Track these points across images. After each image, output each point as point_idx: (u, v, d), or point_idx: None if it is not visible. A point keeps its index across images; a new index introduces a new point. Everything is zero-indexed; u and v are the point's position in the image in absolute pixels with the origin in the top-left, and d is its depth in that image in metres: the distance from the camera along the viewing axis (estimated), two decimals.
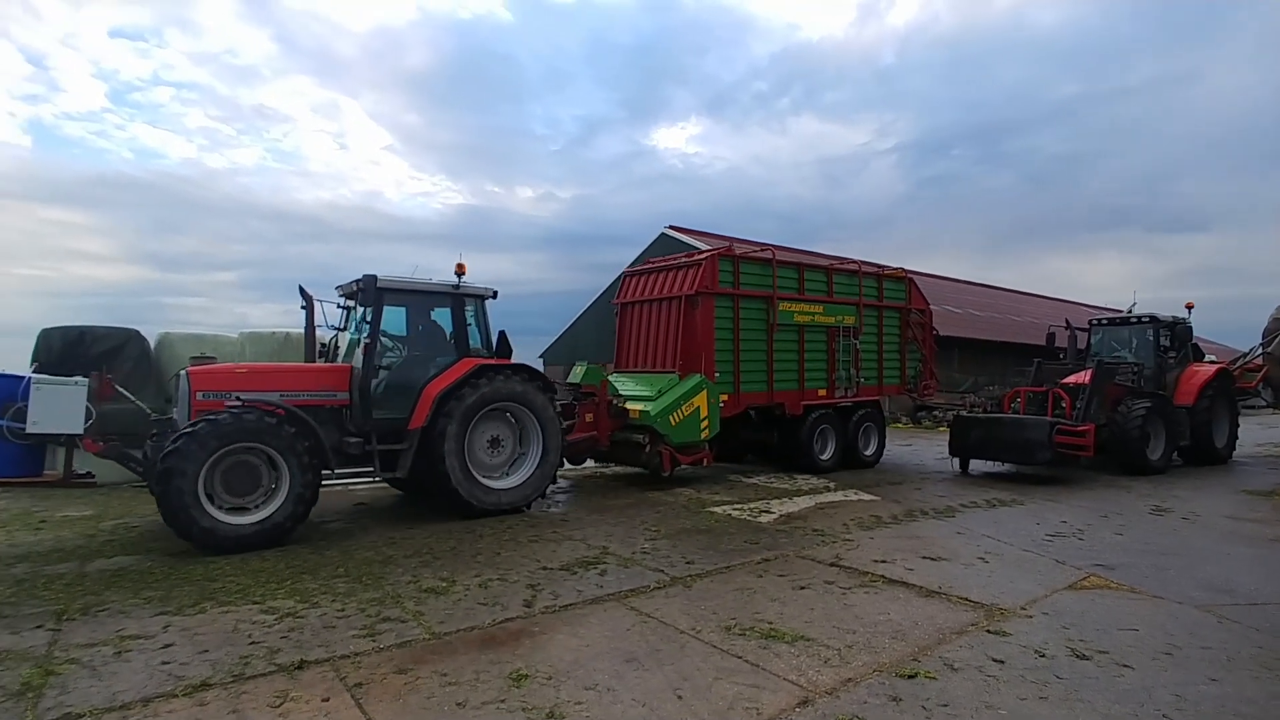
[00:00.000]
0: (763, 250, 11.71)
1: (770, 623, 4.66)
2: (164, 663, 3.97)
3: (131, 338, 11.77)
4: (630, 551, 6.51)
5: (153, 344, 12.30)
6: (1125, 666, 4.00)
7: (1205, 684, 3.78)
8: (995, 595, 5.26)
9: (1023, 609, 4.97)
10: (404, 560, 6.19)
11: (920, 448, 15.51)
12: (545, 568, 5.96)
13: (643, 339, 11.50)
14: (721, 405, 10.33)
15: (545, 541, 6.90)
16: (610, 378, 10.77)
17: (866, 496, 9.53)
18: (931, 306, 14.04)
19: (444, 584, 5.48)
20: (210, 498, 6.41)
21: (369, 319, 7.74)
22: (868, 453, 12.54)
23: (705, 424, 9.99)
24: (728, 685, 3.74)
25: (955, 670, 3.93)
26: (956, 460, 11.90)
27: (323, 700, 3.54)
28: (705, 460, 10.38)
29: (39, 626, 4.55)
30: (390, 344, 8.16)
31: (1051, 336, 14.10)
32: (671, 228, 28.01)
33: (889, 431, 20.16)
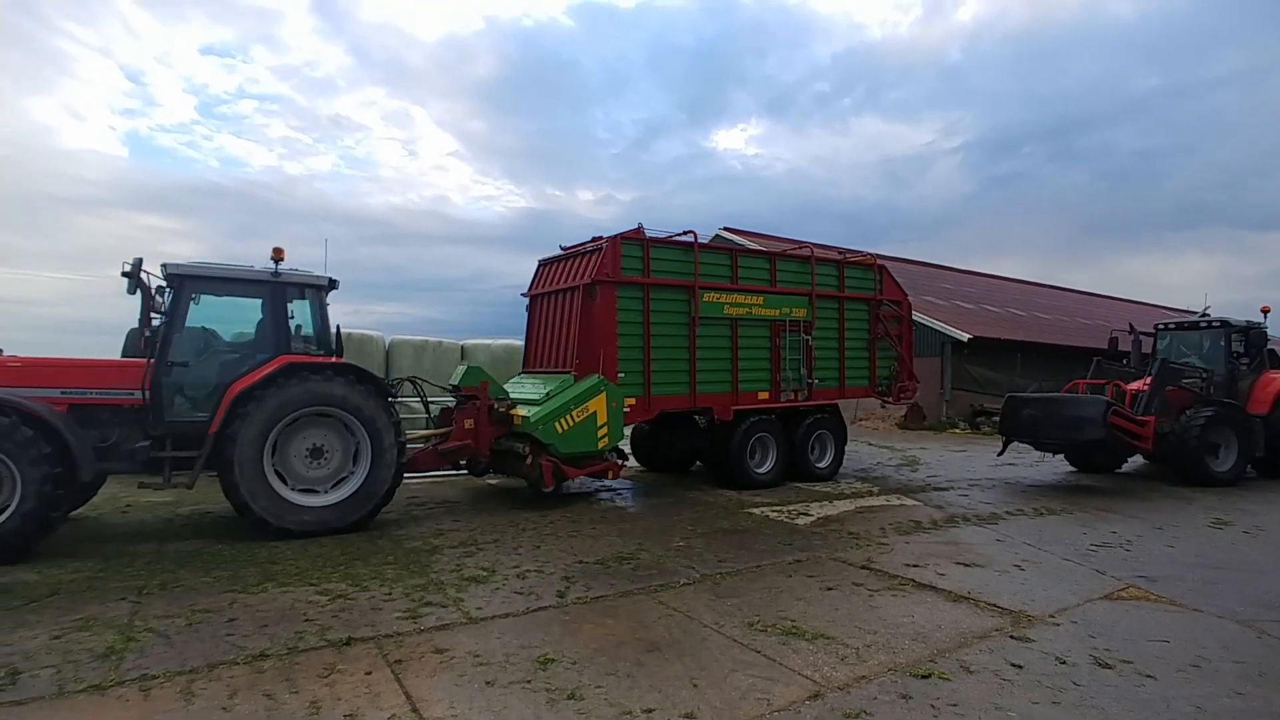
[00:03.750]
0: (685, 234, 10.18)
1: (793, 620, 4.79)
2: (228, 634, 4.40)
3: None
4: (665, 549, 6.71)
5: None
6: (1148, 677, 3.98)
7: (1229, 697, 3.74)
8: (1025, 602, 5.24)
9: (1051, 617, 4.95)
10: (449, 550, 6.55)
11: (974, 454, 15.16)
12: (581, 561, 6.22)
13: (547, 335, 10.13)
14: (627, 410, 9.11)
15: (584, 537, 7.16)
16: (514, 379, 10.19)
17: (910, 501, 9.46)
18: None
19: (484, 573, 5.80)
20: None
21: (165, 309, 7.01)
22: (820, 464, 10.98)
23: (604, 432, 8.76)
24: (743, 677, 3.91)
25: (971, 673, 3.99)
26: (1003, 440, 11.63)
27: (365, 674, 3.87)
28: (611, 472, 9.23)
29: (123, 598, 5.07)
30: (200, 338, 7.25)
31: (1114, 341, 13.53)
32: (726, 229, 28.01)
33: (944, 438, 19.87)
